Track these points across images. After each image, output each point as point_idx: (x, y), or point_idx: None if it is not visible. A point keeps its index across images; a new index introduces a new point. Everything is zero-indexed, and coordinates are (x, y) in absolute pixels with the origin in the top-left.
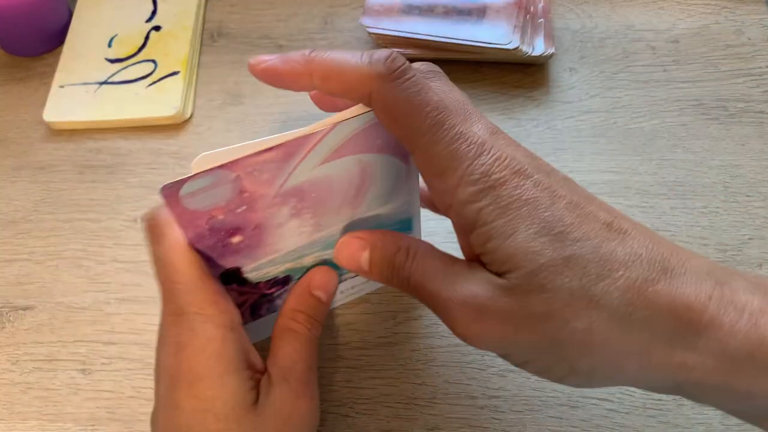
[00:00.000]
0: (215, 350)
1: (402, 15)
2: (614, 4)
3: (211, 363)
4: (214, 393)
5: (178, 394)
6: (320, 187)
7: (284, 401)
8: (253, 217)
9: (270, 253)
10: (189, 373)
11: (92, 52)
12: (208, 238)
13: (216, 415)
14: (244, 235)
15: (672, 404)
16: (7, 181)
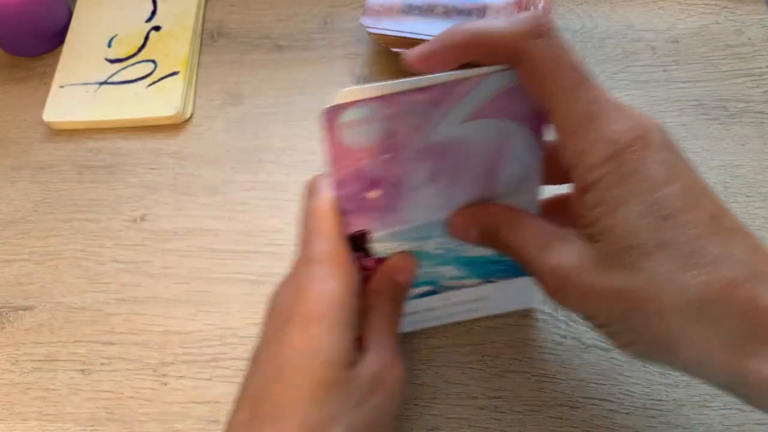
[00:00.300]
0: (335, 301)
1: (402, 15)
2: (614, 4)
3: (328, 312)
4: (324, 339)
5: (289, 332)
6: (459, 152)
7: (377, 367)
8: (394, 171)
9: (399, 222)
10: (305, 316)
11: (92, 52)
12: (350, 185)
13: (322, 360)
14: (383, 190)
15: (672, 404)
16: (7, 181)
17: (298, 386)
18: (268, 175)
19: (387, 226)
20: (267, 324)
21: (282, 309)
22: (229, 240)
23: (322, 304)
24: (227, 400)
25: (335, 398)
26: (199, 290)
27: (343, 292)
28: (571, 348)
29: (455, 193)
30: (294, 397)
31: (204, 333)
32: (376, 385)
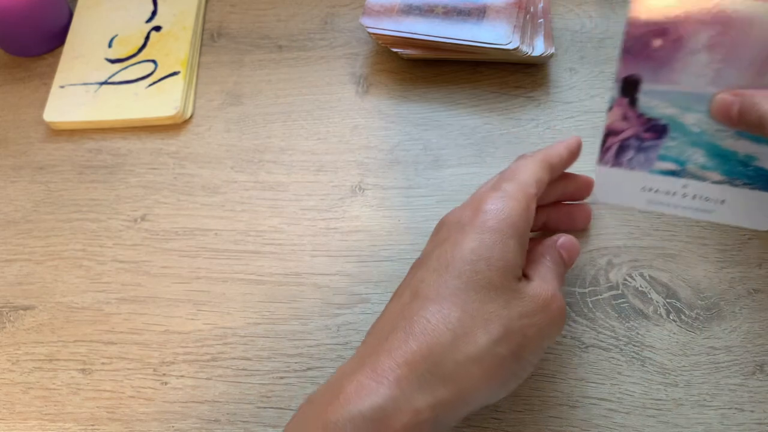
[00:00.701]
0: (511, 220)
1: (402, 15)
2: (614, 4)
3: (504, 227)
4: (497, 247)
5: (464, 236)
6: (741, 28)
7: (541, 292)
8: (681, 26)
9: (669, 80)
10: (481, 226)
11: (92, 53)
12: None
13: (490, 264)
14: (665, 41)
15: (671, 404)
16: (7, 181)
17: (462, 279)
18: (268, 175)
19: (658, 80)
20: (438, 233)
21: (459, 220)
22: (229, 240)
23: (499, 218)
24: (227, 399)
25: (497, 299)
26: (199, 290)
27: (519, 215)
28: (570, 348)
29: (728, 71)
30: (458, 287)
31: (204, 333)
32: (538, 306)
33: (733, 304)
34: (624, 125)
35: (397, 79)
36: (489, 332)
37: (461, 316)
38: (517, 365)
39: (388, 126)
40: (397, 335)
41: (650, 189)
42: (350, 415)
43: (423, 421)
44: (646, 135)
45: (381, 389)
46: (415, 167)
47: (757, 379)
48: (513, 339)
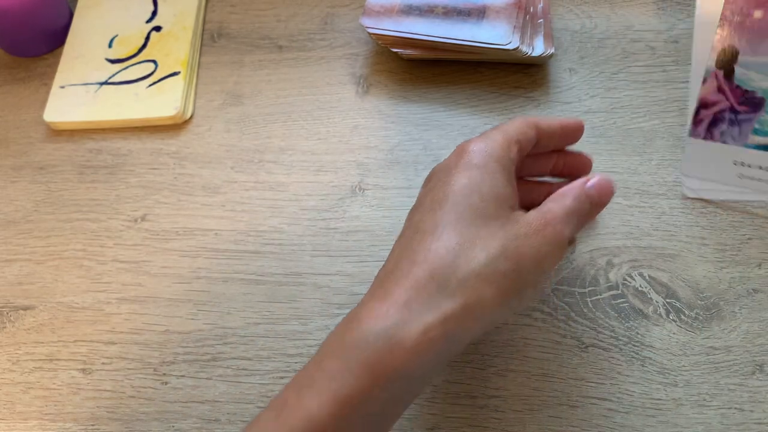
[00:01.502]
0: (494, 154)
1: (402, 15)
2: (614, 4)
3: (488, 161)
4: (485, 179)
5: (452, 176)
6: None
7: (536, 218)
8: None
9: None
10: (466, 165)
11: (93, 53)
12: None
13: (482, 195)
14: (765, 13)
15: (671, 404)
16: (7, 181)
17: (457, 212)
18: (268, 175)
19: (757, 52)
20: (429, 182)
21: (446, 165)
22: (229, 240)
23: (483, 155)
24: (227, 399)
25: (492, 225)
26: (199, 290)
27: (502, 152)
28: (570, 347)
29: None
30: (454, 219)
31: (204, 333)
32: (532, 230)
33: (732, 304)
34: (718, 97)
35: (397, 79)
36: (487, 250)
37: (460, 240)
38: (519, 281)
39: (388, 126)
40: (401, 266)
41: (743, 163)
42: (363, 335)
43: (434, 337)
44: (741, 108)
45: (391, 312)
46: (415, 167)
47: (757, 379)
48: (510, 256)
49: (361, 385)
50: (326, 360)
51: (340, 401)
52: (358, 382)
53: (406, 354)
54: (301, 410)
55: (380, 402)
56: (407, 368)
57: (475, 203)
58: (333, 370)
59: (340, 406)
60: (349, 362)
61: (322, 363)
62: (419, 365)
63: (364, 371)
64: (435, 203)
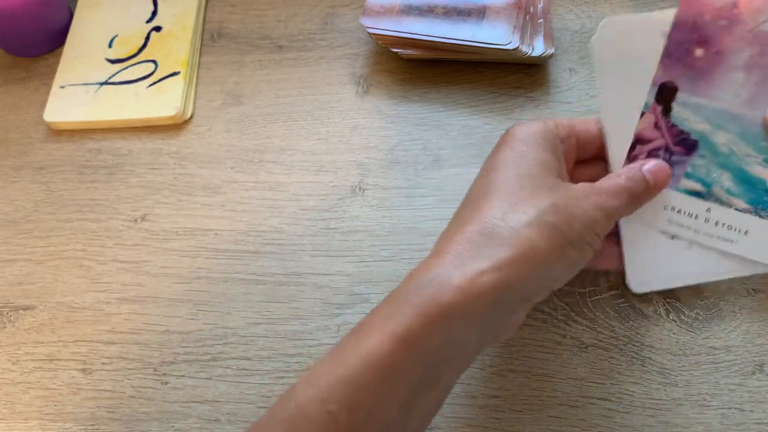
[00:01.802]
0: (538, 131)
1: (402, 15)
2: (614, 4)
3: (533, 136)
4: (529, 151)
5: (500, 149)
6: None
7: (581, 188)
8: (722, 40)
9: (706, 95)
10: (510, 142)
11: (93, 53)
12: (684, 32)
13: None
14: (707, 52)
15: (671, 404)
16: (7, 181)
17: (505, 177)
18: (268, 175)
19: (694, 92)
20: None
21: (493, 148)
22: (229, 240)
23: (526, 132)
24: (227, 399)
25: (540, 187)
26: (199, 290)
27: (544, 131)
28: (570, 347)
29: (763, 94)
30: (500, 183)
31: (204, 333)
32: (577, 196)
33: (733, 304)
34: (654, 134)
35: (397, 79)
36: (537, 206)
37: (509, 199)
38: (569, 236)
39: (388, 126)
40: (453, 228)
41: (673, 208)
42: (415, 282)
43: (487, 282)
44: (676, 149)
45: (443, 262)
46: (415, 167)
47: (757, 379)
48: (560, 211)
49: (416, 323)
50: (380, 308)
51: (396, 338)
52: (411, 321)
53: (458, 294)
54: (359, 349)
55: (437, 344)
56: (461, 309)
57: (522, 169)
58: (387, 313)
59: (396, 343)
60: (402, 305)
61: (376, 311)
62: (473, 308)
63: (418, 310)
64: (483, 173)
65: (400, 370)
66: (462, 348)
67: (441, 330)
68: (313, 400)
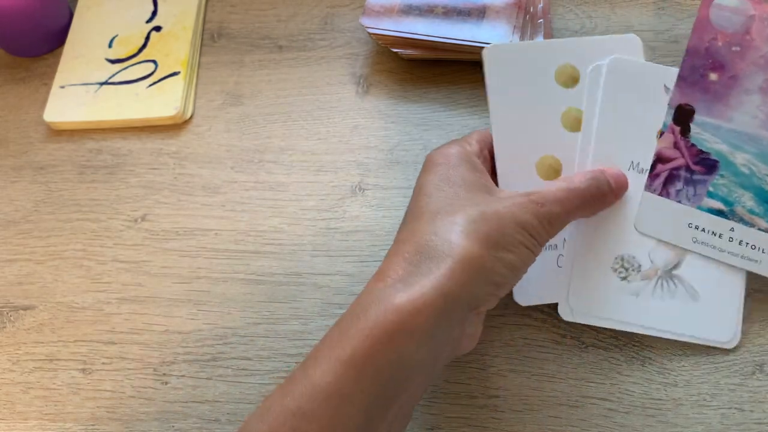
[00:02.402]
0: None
1: (402, 15)
2: (614, 4)
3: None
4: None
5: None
6: None
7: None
8: (736, 64)
9: (723, 117)
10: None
11: (93, 53)
12: (698, 57)
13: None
14: (721, 77)
15: (671, 404)
16: (7, 181)
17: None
18: (268, 175)
19: (711, 114)
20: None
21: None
22: (229, 240)
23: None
24: (227, 399)
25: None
26: (199, 290)
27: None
28: (570, 347)
29: None
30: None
31: (204, 333)
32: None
33: None
34: (674, 153)
35: (397, 79)
36: (466, 216)
37: (440, 217)
38: (503, 241)
39: (388, 126)
40: (392, 251)
41: (697, 227)
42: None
43: (431, 297)
44: (696, 168)
45: (384, 284)
46: (415, 167)
47: (757, 379)
48: (489, 218)
49: (360, 347)
50: (328, 335)
51: (342, 363)
52: (356, 345)
53: (400, 313)
54: (305, 380)
55: (385, 365)
56: (405, 327)
57: (449, 190)
58: (333, 339)
59: (343, 368)
60: (347, 329)
61: (324, 339)
62: (417, 325)
63: (362, 333)
64: (413, 199)
65: (349, 396)
66: (414, 366)
67: (387, 351)
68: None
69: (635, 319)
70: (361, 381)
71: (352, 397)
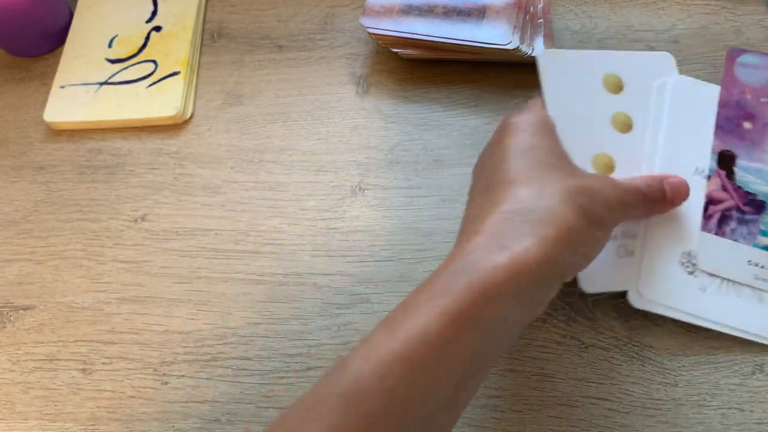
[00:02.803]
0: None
1: (402, 15)
2: (614, 4)
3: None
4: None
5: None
6: None
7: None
8: (766, 114)
9: (762, 160)
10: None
11: (93, 53)
12: (731, 108)
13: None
14: (754, 125)
15: (671, 404)
16: (7, 181)
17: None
18: (268, 175)
19: (752, 158)
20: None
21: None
22: (229, 240)
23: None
24: (227, 399)
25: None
26: (199, 290)
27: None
28: (570, 348)
29: None
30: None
31: (204, 332)
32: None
33: None
34: (723, 195)
35: (397, 79)
36: (566, 188)
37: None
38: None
39: (388, 126)
40: (486, 209)
41: (756, 264)
42: (463, 262)
43: (533, 258)
44: (746, 208)
45: (483, 242)
46: (415, 167)
47: (757, 379)
48: (587, 194)
49: (467, 301)
50: (430, 284)
51: (448, 316)
52: (463, 299)
53: (506, 271)
54: (413, 325)
55: (488, 322)
56: (510, 286)
57: (537, 158)
58: (439, 289)
59: (449, 320)
60: (454, 283)
61: (422, 289)
62: (521, 286)
63: (470, 289)
64: (491, 165)
65: (454, 348)
66: (510, 326)
67: (492, 308)
68: (369, 376)
69: (702, 313)
70: (465, 336)
71: (455, 351)
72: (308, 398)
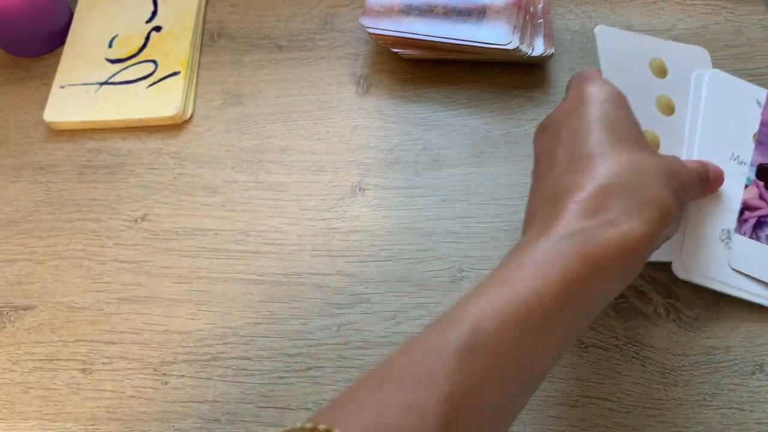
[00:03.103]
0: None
1: (402, 15)
2: (614, 4)
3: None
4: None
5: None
6: None
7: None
8: None
9: None
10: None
11: (93, 53)
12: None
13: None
14: None
15: (671, 403)
16: (7, 181)
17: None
18: (268, 175)
19: None
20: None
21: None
22: (229, 240)
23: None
24: (227, 399)
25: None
26: (199, 290)
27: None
28: (570, 347)
29: None
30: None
31: (204, 332)
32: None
33: (732, 304)
34: (760, 203)
35: (397, 79)
36: (660, 170)
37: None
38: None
39: (388, 126)
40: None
41: None
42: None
43: (640, 237)
44: None
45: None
46: (415, 167)
47: (757, 379)
48: (676, 178)
49: (578, 272)
50: (533, 244)
51: (564, 285)
52: (574, 269)
53: (617, 246)
54: (527, 288)
55: (595, 294)
56: (618, 260)
57: (621, 130)
58: (548, 254)
59: (563, 289)
60: (564, 251)
61: (528, 246)
62: (627, 261)
63: (582, 261)
64: (577, 135)
65: (562, 318)
66: (607, 299)
67: (601, 282)
68: (489, 333)
69: (742, 285)
70: (575, 305)
71: (562, 320)
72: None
